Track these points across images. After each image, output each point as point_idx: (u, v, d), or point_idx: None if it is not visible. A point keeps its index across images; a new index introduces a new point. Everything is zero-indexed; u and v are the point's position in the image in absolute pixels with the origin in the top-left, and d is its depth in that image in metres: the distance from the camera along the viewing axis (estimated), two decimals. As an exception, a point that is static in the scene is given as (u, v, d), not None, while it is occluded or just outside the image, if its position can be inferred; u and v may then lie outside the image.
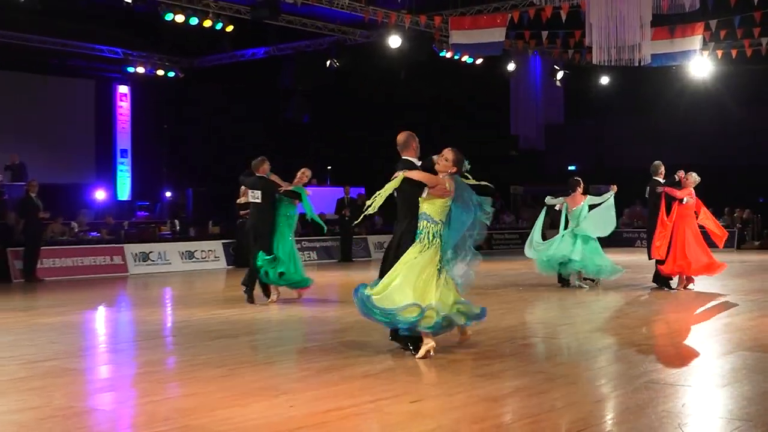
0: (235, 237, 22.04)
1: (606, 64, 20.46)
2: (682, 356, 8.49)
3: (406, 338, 8.28)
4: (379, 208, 8.26)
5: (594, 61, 20.73)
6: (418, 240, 8.26)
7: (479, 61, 26.66)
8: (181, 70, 28.42)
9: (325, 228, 14.98)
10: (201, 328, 10.57)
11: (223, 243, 22.47)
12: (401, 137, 9.04)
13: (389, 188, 8.54)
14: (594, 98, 31.89)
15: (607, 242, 30.37)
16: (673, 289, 14.70)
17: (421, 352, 8.12)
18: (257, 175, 13.46)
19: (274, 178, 13.57)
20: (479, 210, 8.29)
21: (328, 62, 25.80)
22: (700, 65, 25.74)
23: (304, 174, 13.96)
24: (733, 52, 25.18)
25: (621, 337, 9.46)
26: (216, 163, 28.04)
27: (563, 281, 15.28)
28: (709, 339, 9.55)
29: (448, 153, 8.50)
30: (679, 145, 32.91)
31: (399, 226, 8.64)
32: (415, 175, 8.39)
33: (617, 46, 19.68)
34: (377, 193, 8.52)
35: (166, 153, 29.66)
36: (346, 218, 23.96)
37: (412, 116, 31.89)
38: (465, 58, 26.22)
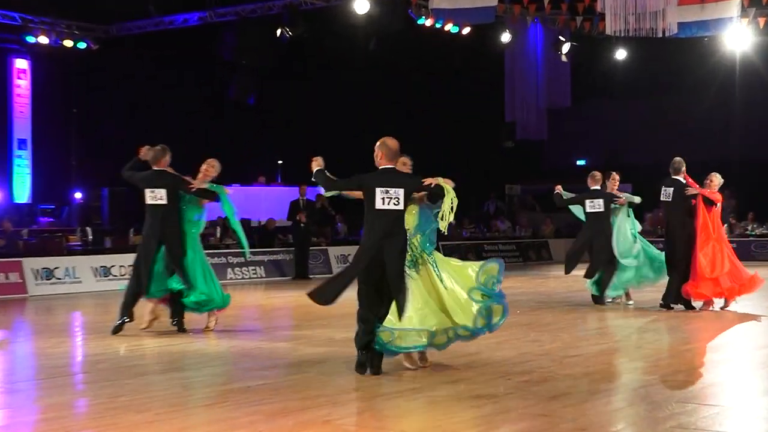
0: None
1: (623, 34, 20.62)
2: (716, 395, 8.55)
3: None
4: (342, 212, 8.67)
5: (608, 32, 20.87)
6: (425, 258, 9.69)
7: (466, 30, 26.74)
8: (94, 41, 28.26)
9: (247, 249, 14.39)
10: (120, 363, 10.50)
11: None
12: (395, 144, 10.31)
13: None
14: (608, 77, 32.07)
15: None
16: (697, 309, 14.94)
17: None
18: (155, 169, 12.96)
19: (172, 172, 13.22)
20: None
21: (279, 31, 25.76)
22: (738, 36, 25.95)
23: (210, 167, 13.53)
24: (779, 21, 25.44)
25: (642, 371, 9.51)
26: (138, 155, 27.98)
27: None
28: (748, 374, 9.62)
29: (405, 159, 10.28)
30: (713, 136, 33.20)
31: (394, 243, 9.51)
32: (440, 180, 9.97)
33: (636, 12, 19.83)
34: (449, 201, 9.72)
35: (75, 144, 29.51)
36: (302, 225, 23.94)
37: (383, 99, 31.98)
38: (448, 27, 26.28)
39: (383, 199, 9.67)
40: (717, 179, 15.29)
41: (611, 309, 15.63)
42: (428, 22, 25.56)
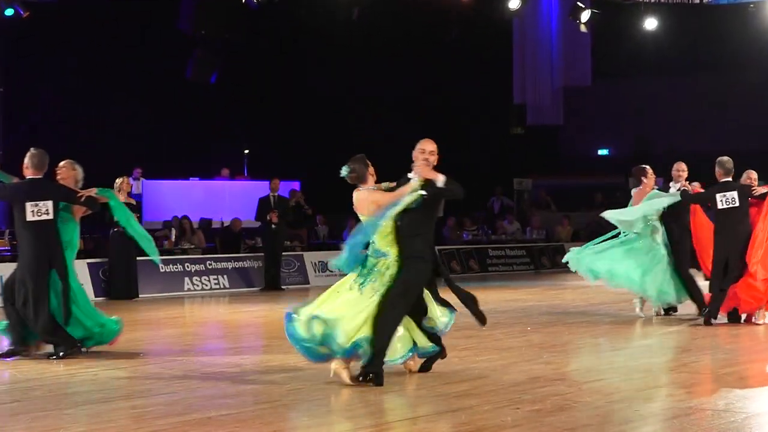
0: (108, 255, 21.93)
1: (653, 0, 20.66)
2: (763, 426, 8.60)
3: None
4: (323, 213, 9.02)
5: (635, -3, 20.92)
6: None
7: (468, -5, 26.79)
8: (24, 5, 28.12)
9: (156, 257, 14.13)
10: (59, 390, 10.49)
11: (89, 263, 22.37)
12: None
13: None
14: (635, 51, 32.12)
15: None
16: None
17: None
18: (33, 177, 12.65)
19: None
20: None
21: (245, -3, 25.77)
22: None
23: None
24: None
25: (676, 399, 9.55)
26: (77, 146, 27.91)
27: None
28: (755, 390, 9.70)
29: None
30: (757, 122, 33.26)
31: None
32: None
33: (669, -26, 19.89)
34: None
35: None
36: (274, 226, 23.93)
37: (367, 78, 31.99)
38: (447, -8, 26.33)
39: None
40: (754, 175, 15.59)
41: (643, 324, 15.69)
42: (423, -14, 25.58)
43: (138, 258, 21.98)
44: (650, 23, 29.83)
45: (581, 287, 23.21)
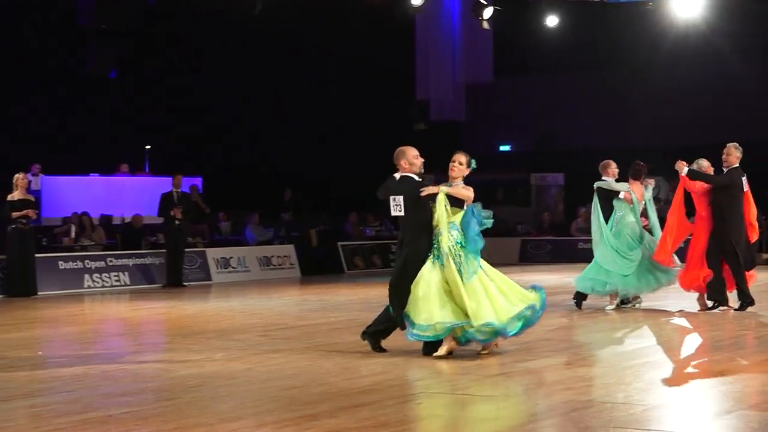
0: (5, 252, 21.61)
1: (553, -3, 20.84)
2: (660, 419, 8.73)
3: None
4: (226, 211, 9.25)
5: (536, -7, 21.07)
6: (453, 252, 11.56)
7: (370, -9, 26.81)
8: None
9: None
10: (-47, 389, 10.35)
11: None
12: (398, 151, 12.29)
13: (442, 212, 11.77)
14: (536, 48, 32.39)
15: (556, 256, 30.96)
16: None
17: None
18: None
19: None
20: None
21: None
22: (687, 0, 26.40)
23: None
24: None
25: (575, 392, 9.66)
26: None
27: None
28: (701, 392, 9.85)
29: (461, 157, 12.21)
30: (658, 117, 33.74)
31: (411, 247, 11.92)
32: (461, 191, 11.99)
33: (570, -29, 20.08)
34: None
35: None
36: (177, 222, 23.76)
37: (268, 71, 31.91)
38: (350, -13, 26.33)
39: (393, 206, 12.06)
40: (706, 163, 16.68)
41: (544, 319, 15.86)
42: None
43: (37, 255, 21.74)
44: (551, 20, 30.10)
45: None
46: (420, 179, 12.17)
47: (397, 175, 12.14)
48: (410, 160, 12.17)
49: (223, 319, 16.79)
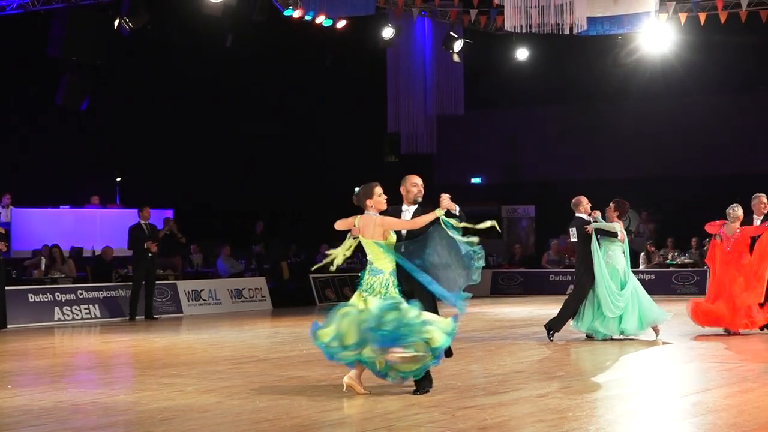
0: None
1: (524, 31, 20.96)
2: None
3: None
4: (197, 243, 9.31)
5: (507, 27, 21.18)
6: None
7: (341, 24, 26.89)
8: None
9: None
10: None
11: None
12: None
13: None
14: (507, 81, 32.54)
15: (527, 288, 30.99)
16: None
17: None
18: None
19: None
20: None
21: (116, 22, 25.53)
22: (656, 34, 26.57)
23: None
24: (701, 17, 26.14)
25: (548, 425, 9.67)
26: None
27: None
28: (673, 424, 9.86)
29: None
30: (629, 150, 33.92)
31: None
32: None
33: (539, 5, 20.18)
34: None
35: None
36: (150, 255, 23.68)
37: (241, 105, 31.95)
38: (321, 20, 26.38)
39: None
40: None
41: (514, 350, 15.87)
42: (297, 14, 25.59)
43: (6, 287, 21.62)
44: (521, 54, 30.31)
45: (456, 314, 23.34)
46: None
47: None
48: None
49: (194, 352, 16.74)
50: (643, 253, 30.02)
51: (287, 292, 27.84)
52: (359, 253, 30.64)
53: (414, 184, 12.49)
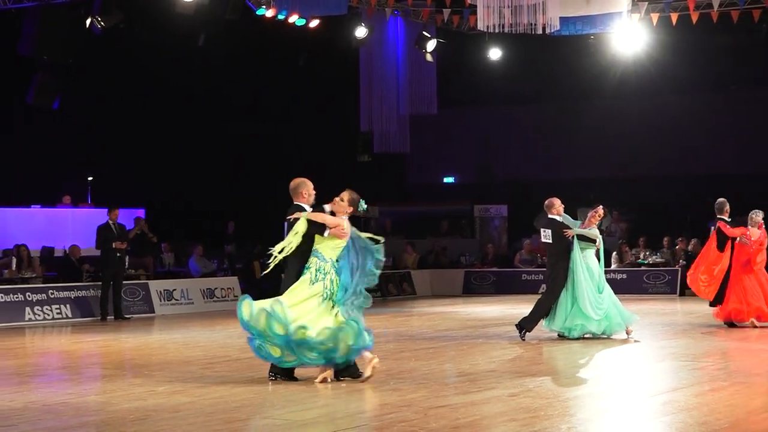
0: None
1: (497, 30, 20.98)
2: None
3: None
4: (169, 241, 9.58)
5: (480, 27, 21.21)
6: (306, 273, 12.27)
7: (314, 23, 26.87)
8: None
9: None
10: None
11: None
12: (293, 183, 12.91)
13: (299, 233, 12.32)
14: (480, 81, 32.59)
15: (500, 288, 31.02)
16: None
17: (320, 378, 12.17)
18: None
19: None
20: (371, 256, 12.46)
21: (88, 21, 25.45)
22: (628, 34, 26.66)
23: None
24: (673, 17, 26.24)
25: (520, 424, 9.69)
26: None
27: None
28: (645, 422, 9.90)
29: (345, 194, 12.40)
30: (601, 149, 34.02)
31: (290, 270, 12.54)
32: (318, 216, 12.30)
33: (512, 5, 20.22)
34: (287, 242, 12.40)
35: None
36: (119, 255, 23.61)
37: (214, 104, 31.86)
38: (293, 19, 26.36)
39: None
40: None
41: (486, 349, 15.89)
42: (269, 13, 25.57)
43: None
44: (494, 53, 30.35)
45: (427, 314, 23.45)
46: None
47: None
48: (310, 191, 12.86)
49: (166, 352, 16.70)
50: (615, 253, 30.09)
51: (260, 292, 27.74)
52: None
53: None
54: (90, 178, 30.93)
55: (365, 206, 12.51)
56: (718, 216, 19.03)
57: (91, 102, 30.53)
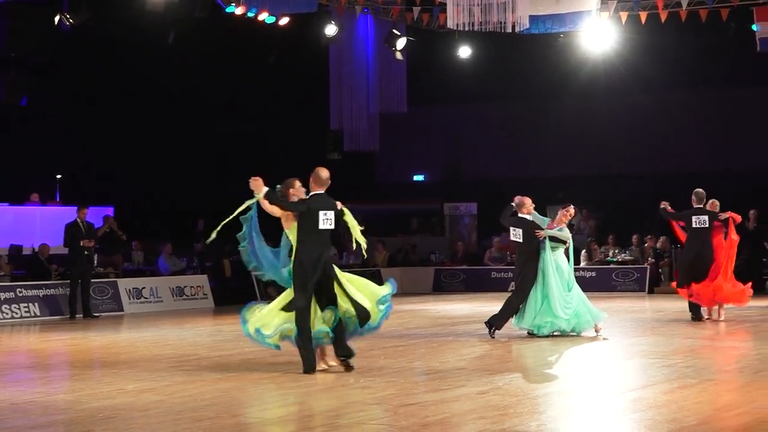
0: None
1: (466, 28, 21.01)
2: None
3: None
4: (139, 239, 9.57)
5: (450, 25, 21.23)
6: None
7: (284, 21, 26.82)
8: None
9: None
10: None
11: None
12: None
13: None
14: (450, 79, 32.61)
15: (470, 285, 31.06)
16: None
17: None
18: None
19: None
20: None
21: (57, 18, 25.34)
22: (598, 33, 26.73)
23: None
24: (642, 16, 26.34)
25: (489, 422, 9.69)
26: None
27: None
28: (614, 420, 9.93)
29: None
30: (570, 148, 34.12)
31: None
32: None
33: (482, 3, 20.24)
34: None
35: None
36: (87, 253, 23.51)
37: (184, 101, 31.76)
38: (263, 17, 26.30)
39: (323, 220, 13.32)
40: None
41: (456, 347, 15.89)
42: (239, 11, 25.48)
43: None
44: (464, 51, 30.37)
45: (397, 312, 23.38)
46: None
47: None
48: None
49: (135, 350, 16.64)
50: (584, 250, 30.17)
51: (229, 290, 27.70)
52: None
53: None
54: (59, 176, 30.78)
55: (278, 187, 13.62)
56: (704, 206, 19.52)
57: (60, 100, 30.41)
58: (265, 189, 13.55)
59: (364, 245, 14.52)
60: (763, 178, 30.73)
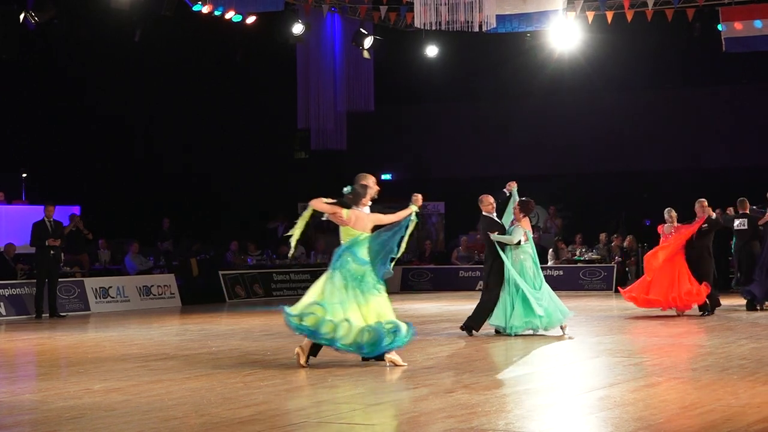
0: None
1: (434, 28, 21.04)
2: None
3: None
4: (105, 238, 9.47)
5: (417, 24, 21.24)
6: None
7: (251, 19, 26.79)
8: None
9: None
10: None
11: None
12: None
13: (304, 218, 14.61)
14: (417, 78, 32.64)
15: (437, 284, 31.09)
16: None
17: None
18: None
19: None
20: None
21: (22, 16, 25.21)
22: (564, 32, 26.81)
23: None
24: (608, 15, 26.45)
25: (457, 420, 9.70)
26: None
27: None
28: (581, 418, 9.96)
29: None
30: (537, 147, 34.21)
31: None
32: (317, 204, 14.48)
33: (449, 3, 20.27)
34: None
35: None
36: (53, 252, 23.40)
37: (151, 101, 31.67)
38: (230, 15, 26.26)
39: None
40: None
41: (425, 346, 15.90)
42: (206, 9, 25.42)
43: None
44: (431, 50, 30.41)
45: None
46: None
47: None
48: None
49: (101, 350, 16.57)
50: (551, 249, 30.27)
51: (196, 289, 27.67)
52: (269, 249, 30.58)
53: (374, 182, 14.64)
54: (24, 175, 30.62)
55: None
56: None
57: (25, 97, 30.26)
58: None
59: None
60: (730, 176, 30.84)
